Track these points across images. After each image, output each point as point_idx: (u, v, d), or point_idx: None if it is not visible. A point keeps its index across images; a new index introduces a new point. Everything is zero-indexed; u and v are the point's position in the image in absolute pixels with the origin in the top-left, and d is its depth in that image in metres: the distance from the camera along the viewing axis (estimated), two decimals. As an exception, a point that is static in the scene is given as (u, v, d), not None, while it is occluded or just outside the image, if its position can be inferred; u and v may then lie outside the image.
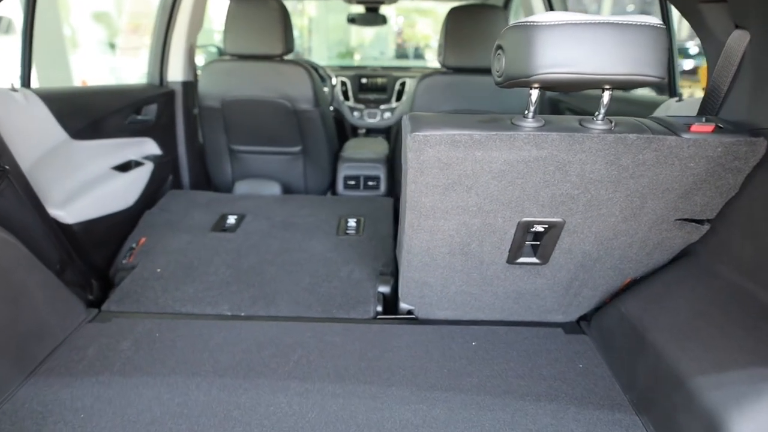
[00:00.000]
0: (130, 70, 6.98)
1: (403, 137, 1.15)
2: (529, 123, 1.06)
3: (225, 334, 1.45)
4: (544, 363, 1.36)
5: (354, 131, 3.73)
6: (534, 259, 1.33)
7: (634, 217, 1.19)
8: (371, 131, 3.70)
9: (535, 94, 1.03)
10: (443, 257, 1.32)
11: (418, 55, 6.66)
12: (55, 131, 1.78)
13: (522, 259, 1.33)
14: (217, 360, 1.34)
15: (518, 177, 1.10)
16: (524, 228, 1.23)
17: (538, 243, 1.29)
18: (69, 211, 1.74)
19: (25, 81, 1.76)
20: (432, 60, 6.08)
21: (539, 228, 1.24)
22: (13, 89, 1.66)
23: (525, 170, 1.09)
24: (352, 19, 3.99)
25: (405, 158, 1.12)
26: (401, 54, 6.79)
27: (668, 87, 1.74)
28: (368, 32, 7.52)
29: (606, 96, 1.03)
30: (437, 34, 2.37)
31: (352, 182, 2.71)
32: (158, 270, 1.76)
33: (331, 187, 2.82)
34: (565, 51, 0.89)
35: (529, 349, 1.42)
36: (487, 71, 2.44)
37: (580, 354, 1.40)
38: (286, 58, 2.49)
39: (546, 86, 0.99)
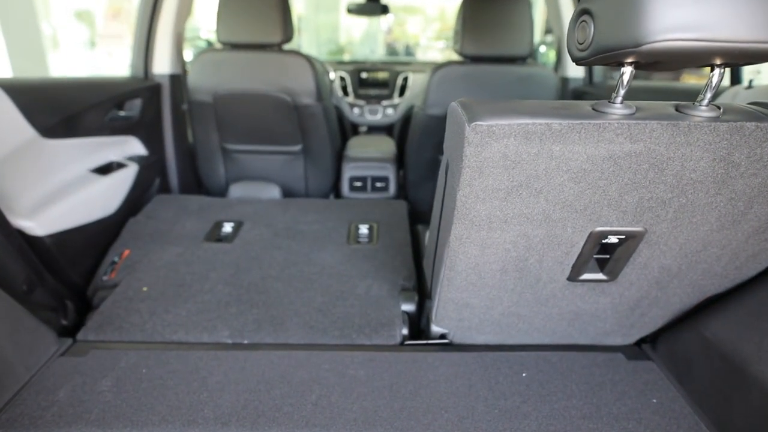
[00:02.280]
0: (114, 67, 6.67)
1: (453, 129, 0.92)
2: (618, 109, 0.83)
3: (226, 368, 1.21)
4: (611, 398, 1.14)
5: (354, 129, 3.50)
6: (600, 276, 1.10)
7: (733, 225, 0.97)
8: (373, 129, 3.47)
9: (628, 71, 0.81)
10: (493, 275, 1.09)
11: (409, 53, 6.49)
12: (21, 128, 1.52)
13: (586, 276, 1.10)
14: (218, 404, 1.10)
15: (601, 178, 0.88)
16: (596, 239, 1.01)
17: (608, 257, 1.07)
18: (39, 222, 1.48)
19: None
20: (423, 57, 5.93)
21: (613, 239, 1.01)
22: (-31, 78, 1.40)
23: (612, 169, 0.86)
24: (351, 10, 3.76)
25: (459, 155, 0.88)
26: (391, 52, 6.62)
27: (731, 72, 1.53)
28: (357, 31, 7.31)
29: (717, 74, 0.81)
30: (425, 32, 2.17)
31: (359, 184, 2.48)
32: (144, 289, 1.51)
33: (334, 189, 2.59)
34: (691, 7, 0.66)
35: (590, 381, 1.20)
36: (509, 60, 2.24)
37: (651, 385, 1.19)
38: (285, 47, 2.25)
39: (651, 62, 0.77)
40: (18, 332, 1.18)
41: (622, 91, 0.83)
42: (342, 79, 3.50)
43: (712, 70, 0.81)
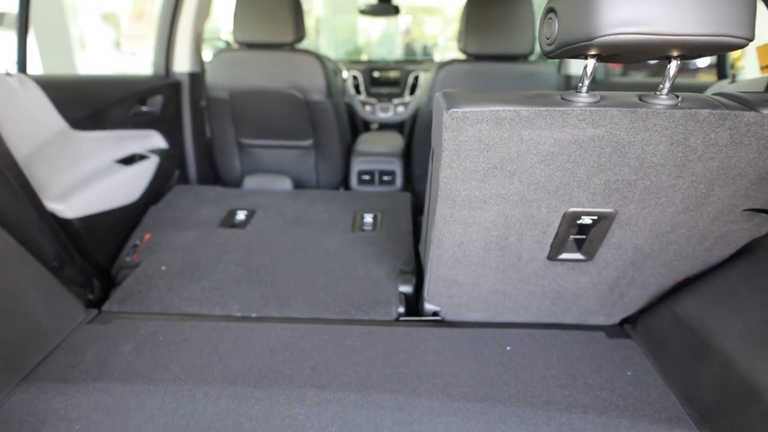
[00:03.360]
0: (137, 65, 6.90)
1: (436, 117, 1.02)
2: (583, 98, 0.92)
3: (235, 337, 1.33)
4: (588, 370, 1.23)
5: (366, 126, 3.61)
6: (578, 255, 1.19)
7: (697, 207, 1.05)
8: (384, 126, 3.58)
9: (591, 64, 0.90)
10: (477, 253, 1.19)
11: (426, 53, 6.55)
12: (54, 120, 1.67)
13: (564, 255, 1.19)
14: (227, 366, 1.21)
15: (569, 161, 0.97)
16: (570, 220, 1.10)
17: (584, 237, 1.16)
18: (69, 205, 1.62)
19: (21, 66, 1.65)
20: (441, 58, 5.97)
21: (587, 220, 1.10)
22: (8, 74, 1.55)
23: (577, 152, 0.95)
24: (364, 11, 3.88)
25: (439, 140, 0.99)
26: (409, 53, 6.69)
27: (716, 67, 1.60)
28: (375, 32, 7.40)
29: (673, 66, 0.89)
30: (443, 32, 2.26)
31: (367, 177, 2.59)
32: (163, 268, 1.64)
33: (344, 182, 2.70)
34: (635, 5, 0.75)
35: (571, 355, 1.28)
36: (511, 58, 2.33)
37: (627, 360, 1.27)
38: (297, 46, 2.37)
39: (606, 54, 0.86)
40: (51, 301, 1.32)
41: (586, 82, 0.92)
42: (354, 77, 3.61)
43: (669, 62, 0.90)
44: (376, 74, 3.68)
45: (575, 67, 2.54)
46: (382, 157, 2.60)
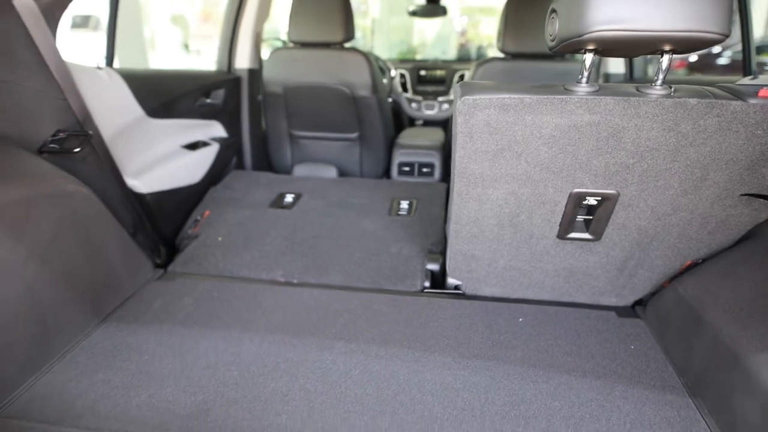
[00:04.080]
0: (202, 63, 7.37)
1: (455, 105, 1.17)
2: (583, 88, 1.04)
3: (277, 297, 1.52)
4: (593, 342, 1.33)
5: (411, 123, 3.76)
6: (586, 235, 1.30)
7: (695, 191, 1.14)
8: (428, 123, 3.72)
9: (589, 58, 1.02)
10: (491, 229, 1.32)
11: (481, 54, 6.59)
12: (134, 108, 1.93)
13: (573, 235, 1.30)
14: (269, 319, 1.41)
15: (570, 144, 1.09)
16: (576, 200, 1.21)
17: (591, 217, 1.26)
18: (143, 182, 1.88)
19: (109, 61, 1.92)
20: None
21: (592, 201, 1.21)
22: (99, 68, 1.81)
23: (577, 136, 1.07)
24: (414, 12, 4.04)
25: (455, 124, 1.13)
26: (464, 54, 6.75)
27: (742, 64, 1.64)
28: (430, 32, 7.51)
29: (665, 60, 1.00)
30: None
31: (407, 168, 2.74)
32: (219, 239, 1.86)
33: (386, 173, 2.87)
34: (619, 5, 0.87)
35: (579, 329, 1.39)
36: (547, 56, 2.41)
37: (633, 336, 1.36)
38: (346, 45, 2.56)
39: (600, 48, 0.98)
40: (127, 258, 1.56)
41: (585, 74, 1.04)
42: (402, 76, 3.78)
43: (662, 56, 1.00)
44: (422, 73, 3.83)
45: (613, 66, 2.59)
46: (422, 150, 2.75)
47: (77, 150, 1.41)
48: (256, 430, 1.03)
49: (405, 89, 3.74)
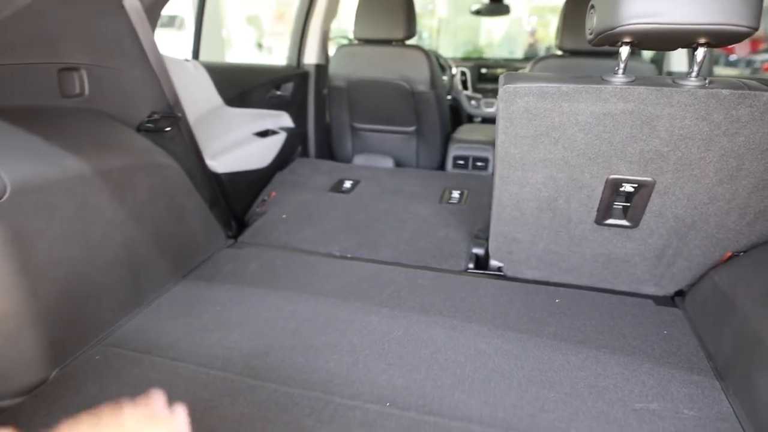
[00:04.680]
0: (272, 60, 7.77)
1: (498, 94, 1.27)
2: (619, 79, 1.11)
3: (332, 268, 1.68)
4: (626, 325, 1.39)
5: (470, 120, 3.84)
6: (624, 222, 1.36)
7: (731, 180, 1.17)
8: (486, 121, 3.78)
9: (624, 51, 1.09)
10: (531, 212, 1.41)
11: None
12: (214, 97, 2.17)
13: (611, 221, 1.37)
14: (324, 285, 1.57)
15: (605, 131, 1.16)
16: (613, 186, 1.28)
17: (628, 204, 1.32)
18: (219, 163, 2.10)
19: (195, 54, 2.16)
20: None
21: (629, 188, 1.27)
22: (187, 60, 2.06)
23: (612, 124, 1.15)
24: (477, 11, 4.11)
25: (497, 111, 1.23)
26: (531, 54, 6.68)
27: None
28: (498, 32, 7.48)
29: (700, 53, 1.05)
30: None
31: (461, 162, 2.84)
32: (284, 216, 2.06)
33: (441, 166, 2.98)
34: (650, 0, 0.95)
35: (614, 312, 1.44)
36: (604, 54, 2.43)
37: (668, 323, 1.40)
38: (407, 42, 2.69)
39: (636, 41, 1.05)
40: (205, 226, 1.78)
41: (621, 65, 1.11)
42: (463, 73, 3.86)
43: (696, 49, 1.06)
44: (483, 71, 3.90)
45: (677, 64, 2.56)
46: (477, 145, 2.84)
47: (168, 129, 1.64)
48: (308, 372, 1.19)
49: (465, 87, 3.82)
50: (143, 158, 1.49)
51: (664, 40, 1.03)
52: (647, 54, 3.26)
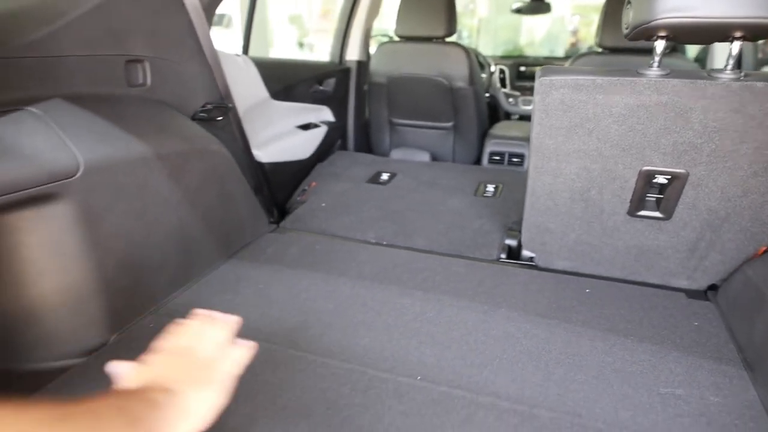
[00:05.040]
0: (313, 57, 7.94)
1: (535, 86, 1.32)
2: (654, 72, 1.14)
3: (368, 253, 1.76)
4: (656, 315, 1.40)
5: (507, 117, 3.85)
6: (656, 213, 1.38)
7: (765, 172, 1.18)
8: (524, 119, 3.78)
9: (659, 45, 1.12)
10: (564, 202, 1.44)
11: (593, 55, 6.36)
12: (261, 90, 2.28)
13: (644, 212, 1.39)
14: (360, 269, 1.64)
15: (639, 122, 1.19)
16: (646, 178, 1.30)
17: (661, 196, 1.34)
18: (264, 152, 2.21)
19: (245, 50, 2.28)
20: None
21: (662, 179, 1.29)
22: (237, 55, 2.18)
23: (646, 116, 1.17)
24: (518, 10, 4.11)
25: (533, 102, 1.28)
26: (573, 53, 6.58)
27: None
28: (539, 31, 7.38)
29: (736, 46, 1.07)
30: None
31: (497, 158, 2.87)
32: (323, 205, 2.15)
33: (477, 162, 3.01)
34: (684, -5, 0.97)
35: (644, 303, 1.46)
36: (644, 51, 2.41)
37: (699, 315, 1.41)
38: (447, 40, 2.74)
39: (671, 35, 1.07)
40: (250, 211, 1.89)
41: (656, 58, 1.14)
42: (502, 71, 3.88)
43: (732, 42, 1.08)
44: (522, 68, 3.90)
45: (720, 62, 2.51)
46: (513, 141, 2.86)
47: (219, 119, 1.75)
48: (344, 345, 1.26)
49: (503, 84, 3.83)
50: (197, 145, 1.61)
51: (699, 34, 1.05)
52: (692, 53, 3.20)
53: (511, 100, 3.71)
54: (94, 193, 1.22)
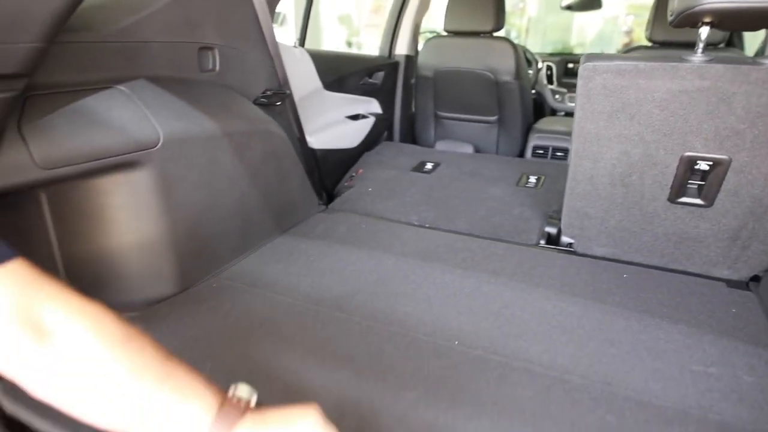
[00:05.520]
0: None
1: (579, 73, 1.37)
2: (698, 58, 1.18)
3: (411, 234, 1.85)
4: (694, 301, 1.42)
5: (553, 114, 3.85)
6: (698, 200, 1.40)
7: (810, 160, 1.19)
8: (570, 115, 3.77)
9: (704, 31, 1.15)
10: (604, 187, 1.49)
11: (647, 55, 6.21)
12: (315, 80, 2.41)
13: (684, 199, 1.41)
14: (404, 247, 1.74)
15: (681, 108, 1.23)
16: (687, 163, 1.33)
17: (703, 183, 1.36)
18: (316, 139, 2.34)
19: (301, 42, 2.42)
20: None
21: (703, 165, 1.32)
22: (294, 46, 2.31)
23: (687, 101, 1.21)
24: (568, 6, 4.09)
25: (577, 88, 1.33)
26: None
27: None
28: (591, 31, 7.25)
29: None
30: None
31: (541, 152, 2.90)
32: (369, 190, 2.26)
33: (521, 155, 3.05)
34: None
35: (683, 290, 1.48)
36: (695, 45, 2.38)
37: (738, 303, 1.42)
38: (495, 34, 2.80)
39: (716, 21, 1.11)
40: (303, 192, 2.02)
41: (700, 45, 1.17)
42: (549, 68, 3.88)
43: (777, 29, 1.10)
44: (570, 65, 3.89)
45: (779, 57, 2.45)
46: (557, 135, 2.88)
47: (278, 104, 1.88)
48: (387, 312, 1.36)
49: (550, 81, 3.84)
50: (259, 126, 1.75)
51: (743, 20, 1.08)
52: (751, 47, 3.11)
53: (557, 96, 3.72)
54: (170, 163, 1.37)
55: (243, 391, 0.63)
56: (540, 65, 3.81)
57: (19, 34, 0.89)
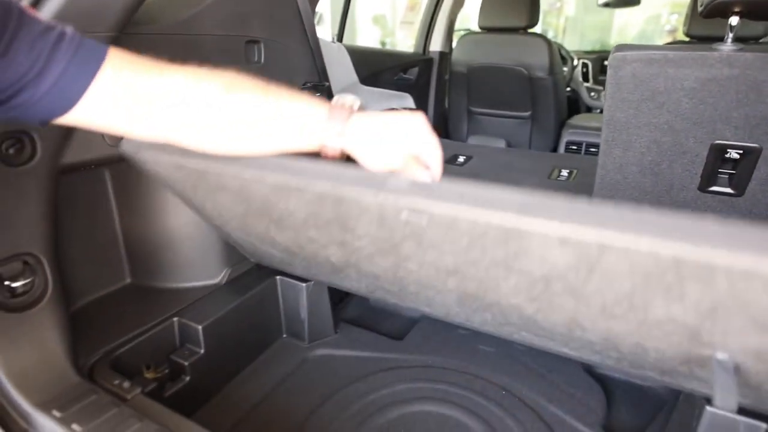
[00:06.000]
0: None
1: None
2: (728, 47, 1.20)
3: (444, 222, 1.91)
4: (723, 289, 1.44)
5: (588, 112, 3.83)
6: (728, 189, 1.41)
7: (843, 147, 1.20)
8: None
9: (734, 20, 1.18)
10: (634, 176, 1.52)
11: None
12: (351, 74, 2.50)
13: (715, 188, 1.43)
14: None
15: (710, 96, 1.25)
16: (717, 152, 1.35)
17: (733, 172, 1.38)
18: (351, 131, 2.43)
19: (339, 38, 2.52)
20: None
21: (734, 154, 1.34)
22: (333, 42, 2.41)
23: (717, 89, 1.23)
24: (606, 4, 4.07)
25: (607, 77, 1.37)
26: (668, 53, 6.30)
27: None
28: (631, 30, 7.12)
29: None
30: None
31: (574, 147, 2.91)
32: (403, 180, 2.33)
33: (553, 151, 3.06)
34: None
35: (712, 278, 1.50)
36: (739, 39, 2.35)
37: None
38: (528, 31, 2.83)
39: (746, 11, 1.13)
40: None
41: (730, 35, 1.20)
42: (584, 65, 3.87)
43: (809, 17, 1.12)
44: (606, 63, 3.87)
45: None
46: (591, 131, 2.89)
47: (317, 95, 1.98)
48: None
49: (586, 79, 3.83)
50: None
51: None
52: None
53: (593, 94, 3.71)
54: None
55: (348, 99, 0.73)
56: (576, 62, 3.81)
57: (99, 24, 1.01)
